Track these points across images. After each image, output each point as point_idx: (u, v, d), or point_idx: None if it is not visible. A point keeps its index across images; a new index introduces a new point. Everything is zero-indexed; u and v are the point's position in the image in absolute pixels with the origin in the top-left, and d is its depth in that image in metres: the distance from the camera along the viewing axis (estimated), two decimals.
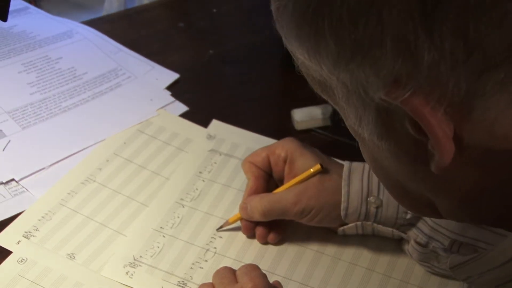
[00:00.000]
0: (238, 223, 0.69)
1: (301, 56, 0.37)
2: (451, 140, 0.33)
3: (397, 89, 0.32)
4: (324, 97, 0.39)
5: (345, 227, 0.67)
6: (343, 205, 0.64)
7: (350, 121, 0.39)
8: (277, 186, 0.68)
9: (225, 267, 0.59)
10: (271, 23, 0.37)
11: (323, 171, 0.65)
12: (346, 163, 0.66)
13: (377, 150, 0.39)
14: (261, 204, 0.66)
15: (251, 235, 0.69)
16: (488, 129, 0.33)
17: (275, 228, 0.69)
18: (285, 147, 0.69)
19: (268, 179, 0.70)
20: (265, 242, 0.69)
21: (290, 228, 0.70)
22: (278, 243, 0.69)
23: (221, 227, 0.69)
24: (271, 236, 0.68)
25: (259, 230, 0.68)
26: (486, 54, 0.30)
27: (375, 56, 0.32)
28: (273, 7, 0.36)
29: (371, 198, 0.64)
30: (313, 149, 0.69)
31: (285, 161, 0.68)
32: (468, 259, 0.42)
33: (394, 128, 0.36)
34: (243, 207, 0.67)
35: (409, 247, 0.66)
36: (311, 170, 0.65)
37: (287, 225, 0.69)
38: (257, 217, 0.66)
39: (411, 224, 0.65)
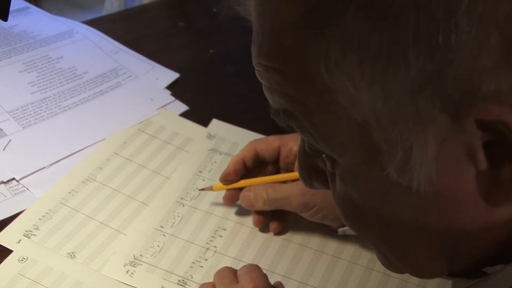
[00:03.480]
0: (246, 221, 0.70)
1: (350, 87, 0.33)
2: None
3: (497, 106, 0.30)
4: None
5: (345, 228, 0.67)
6: None
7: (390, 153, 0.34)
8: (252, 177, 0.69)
9: (226, 267, 0.59)
10: None
11: None
12: None
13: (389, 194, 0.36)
14: (266, 192, 0.66)
15: (262, 226, 0.69)
16: None
17: (278, 218, 0.69)
18: (298, 141, 0.69)
19: (250, 169, 0.69)
20: (266, 230, 0.69)
21: (290, 228, 0.70)
22: (278, 242, 0.69)
23: (203, 189, 0.71)
24: (274, 226, 0.69)
25: (256, 217, 0.69)
26: None
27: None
28: None
29: None
30: None
31: (296, 155, 0.68)
32: (472, 284, 0.40)
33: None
34: (245, 195, 0.67)
35: None
36: None
37: (288, 222, 0.70)
38: (260, 205, 0.66)
39: None
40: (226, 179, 0.69)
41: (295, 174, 0.66)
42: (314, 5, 0.32)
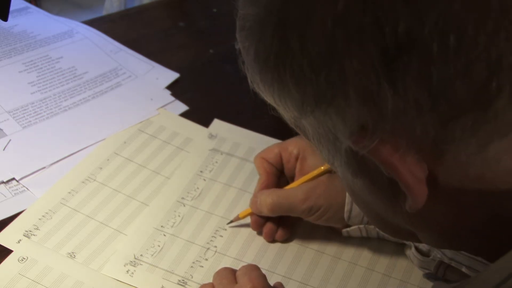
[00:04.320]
0: (247, 220, 0.69)
1: (267, 100, 0.36)
2: (424, 183, 0.33)
3: (363, 139, 0.32)
4: (299, 132, 0.39)
5: (348, 229, 0.67)
6: (346, 207, 0.64)
7: (324, 156, 0.38)
8: (288, 183, 0.69)
9: (225, 268, 0.59)
10: None
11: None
12: None
13: (353, 185, 0.39)
14: (270, 198, 0.66)
15: (259, 231, 0.69)
16: (460, 170, 0.33)
17: (283, 226, 0.69)
18: (297, 144, 0.69)
19: (279, 175, 0.70)
20: (272, 241, 0.69)
21: (290, 228, 0.70)
22: (279, 243, 0.69)
23: (231, 221, 0.70)
24: (279, 233, 0.68)
25: (267, 228, 0.68)
26: (452, 102, 0.29)
27: (340, 105, 0.31)
28: (239, 46, 0.35)
29: None
30: None
31: (297, 159, 0.68)
32: (452, 287, 0.41)
33: (368, 167, 0.35)
34: (253, 201, 0.67)
35: (411, 253, 0.66)
36: (322, 168, 0.65)
37: (290, 226, 0.69)
38: (265, 211, 0.66)
39: None
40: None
41: (317, 171, 0.66)
42: None
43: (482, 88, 0.29)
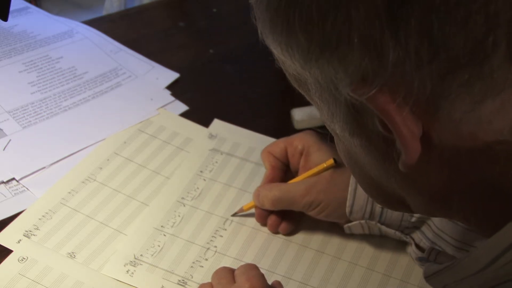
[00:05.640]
0: (252, 211, 0.70)
1: (275, 51, 0.37)
2: (418, 139, 0.34)
3: (363, 86, 0.33)
4: (301, 92, 0.40)
5: (350, 224, 0.67)
6: (348, 202, 0.64)
7: (324, 116, 0.39)
8: (294, 177, 0.69)
9: (224, 267, 0.59)
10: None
11: (337, 166, 0.66)
12: None
13: (350, 146, 0.40)
14: (271, 192, 0.67)
15: (263, 223, 0.70)
16: (455, 128, 0.33)
17: (287, 219, 0.69)
18: (303, 140, 0.69)
19: (285, 169, 0.71)
20: (276, 232, 0.69)
21: (294, 222, 0.70)
22: (279, 242, 0.69)
23: (235, 213, 0.71)
24: (283, 226, 0.69)
25: (271, 219, 0.69)
26: (451, 55, 0.30)
27: (343, 53, 0.32)
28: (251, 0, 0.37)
29: None
30: (331, 144, 0.69)
31: (301, 154, 0.69)
32: (443, 268, 0.42)
33: (365, 124, 0.36)
34: (255, 194, 0.68)
35: (411, 250, 0.66)
36: (324, 164, 0.66)
37: (295, 219, 0.70)
38: (267, 205, 0.67)
39: (416, 227, 0.65)
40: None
41: (320, 167, 0.66)
42: None
43: (480, 43, 0.30)
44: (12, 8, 0.82)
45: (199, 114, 0.84)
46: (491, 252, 0.35)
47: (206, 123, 0.83)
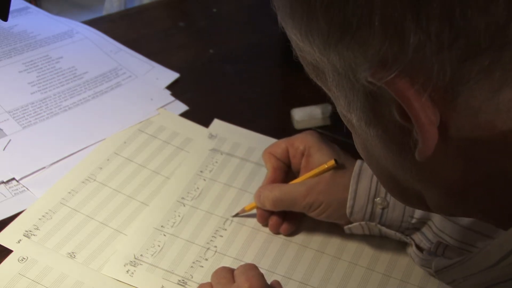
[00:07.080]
0: (253, 212, 0.70)
1: (295, 37, 0.37)
2: (435, 127, 0.33)
3: (382, 70, 0.32)
4: (318, 82, 0.40)
5: (350, 225, 0.67)
6: (349, 203, 0.64)
7: (341, 106, 0.39)
8: (295, 178, 0.69)
9: (224, 267, 0.59)
10: (271, 23, 0.38)
11: (338, 167, 0.65)
12: (358, 161, 0.66)
13: (367, 138, 0.40)
14: (272, 193, 0.67)
15: (265, 223, 0.70)
16: (472, 116, 0.33)
17: (289, 220, 0.69)
18: (304, 140, 0.69)
19: (286, 170, 0.70)
20: (277, 233, 0.69)
21: (295, 223, 0.70)
22: (279, 242, 0.69)
23: (237, 213, 0.71)
24: (284, 227, 0.69)
25: (273, 220, 0.69)
26: (471, 40, 0.30)
27: (363, 36, 0.32)
28: None
29: (378, 199, 0.64)
30: (332, 145, 0.69)
31: (302, 154, 0.69)
32: (453, 263, 0.42)
33: (382, 114, 0.36)
34: (257, 195, 0.68)
35: (412, 251, 0.66)
36: (325, 165, 0.66)
37: (297, 219, 0.70)
38: (268, 206, 0.67)
39: (416, 228, 0.65)
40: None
41: (321, 168, 0.66)
42: None
43: (501, 28, 0.30)
44: (12, 8, 0.82)
45: (199, 114, 0.84)
46: (502, 249, 0.35)
47: (206, 123, 0.83)
